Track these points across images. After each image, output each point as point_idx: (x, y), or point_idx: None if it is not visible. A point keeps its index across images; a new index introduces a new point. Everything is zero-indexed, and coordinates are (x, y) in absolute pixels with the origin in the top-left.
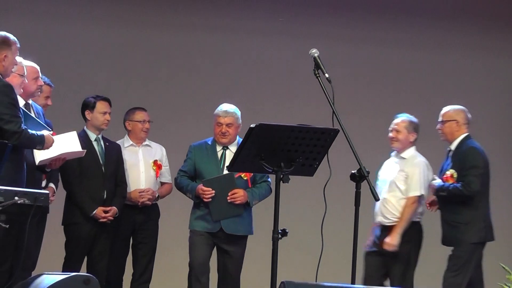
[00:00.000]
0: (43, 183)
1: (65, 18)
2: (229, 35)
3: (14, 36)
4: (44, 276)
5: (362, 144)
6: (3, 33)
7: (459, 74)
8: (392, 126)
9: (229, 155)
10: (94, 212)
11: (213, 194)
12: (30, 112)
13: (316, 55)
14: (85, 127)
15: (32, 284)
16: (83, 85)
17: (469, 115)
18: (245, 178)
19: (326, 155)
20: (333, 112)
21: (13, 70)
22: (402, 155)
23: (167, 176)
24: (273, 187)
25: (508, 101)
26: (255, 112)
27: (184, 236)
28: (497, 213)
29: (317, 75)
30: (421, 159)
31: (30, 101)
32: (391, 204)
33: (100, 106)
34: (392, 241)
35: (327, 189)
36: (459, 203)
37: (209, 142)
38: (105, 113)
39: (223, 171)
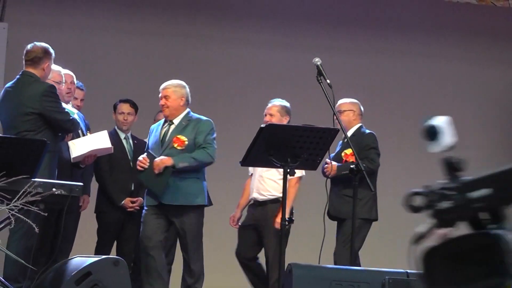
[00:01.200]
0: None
1: (99, 30)
2: (241, 47)
3: (55, 46)
4: (78, 258)
5: None
6: (45, 44)
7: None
8: (265, 111)
9: (173, 130)
10: (122, 202)
11: (144, 165)
12: None
13: (319, 63)
14: (115, 127)
15: (68, 265)
16: (115, 90)
17: (362, 108)
18: (178, 148)
19: (327, 152)
20: (334, 113)
21: (49, 77)
22: None
23: None
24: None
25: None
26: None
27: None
28: None
29: (320, 81)
30: None
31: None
32: (267, 183)
33: (120, 107)
34: (279, 219)
35: (328, 181)
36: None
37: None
38: (122, 113)
39: (161, 146)
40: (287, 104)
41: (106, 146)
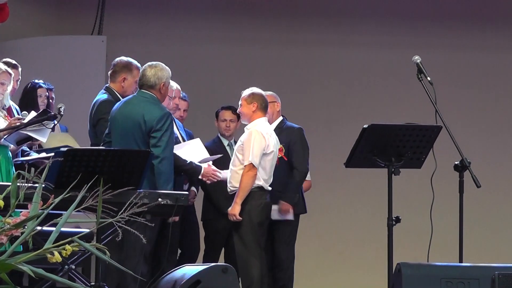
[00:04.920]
0: (185, 187)
1: (198, 40)
2: (339, 48)
3: (154, 57)
4: (187, 267)
5: (462, 137)
6: (127, 58)
7: None
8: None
9: None
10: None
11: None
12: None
13: (418, 61)
14: (218, 134)
15: (177, 274)
16: (217, 97)
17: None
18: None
19: (431, 149)
20: (436, 111)
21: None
22: (246, 126)
23: None
24: (383, 179)
25: None
26: (366, 113)
27: None
28: None
29: (420, 78)
30: (253, 128)
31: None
32: (232, 173)
33: (222, 114)
34: (231, 211)
35: (433, 179)
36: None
37: None
38: (225, 120)
39: None
40: (257, 91)
41: (212, 157)
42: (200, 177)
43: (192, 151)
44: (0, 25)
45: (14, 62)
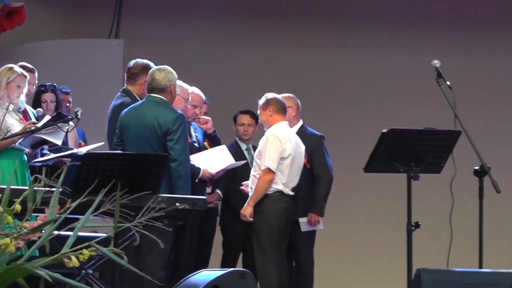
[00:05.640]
0: (208, 190)
1: (214, 43)
2: (357, 52)
3: (171, 60)
4: (205, 272)
5: (482, 142)
6: (145, 61)
7: None
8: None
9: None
10: None
11: None
12: (191, 131)
13: (438, 65)
14: (236, 138)
15: (195, 279)
16: (235, 101)
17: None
18: None
19: (451, 154)
20: (455, 115)
21: (178, 93)
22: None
23: None
24: (402, 184)
25: None
26: (384, 118)
27: None
28: None
29: (439, 83)
30: (270, 132)
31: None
32: (252, 179)
33: (240, 118)
34: (243, 211)
35: (453, 184)
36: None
37: None
38: (243, 124)
39: None
40: (270, 96)
41: (236, 164)
42: (197, 179)
43: (217, 157)
44: (17, 28)
45: (30, 66)
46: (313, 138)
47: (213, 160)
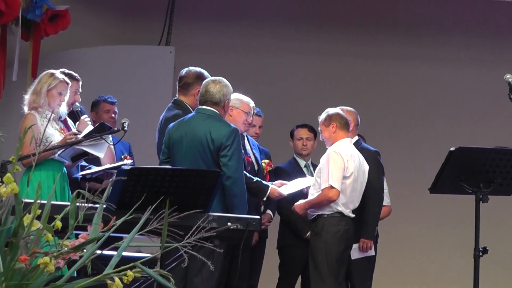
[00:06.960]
0: (261, 209)
1: (268, 52)
2: (424, 64)
3: (222, 69)
4: None
5: None
6: (198, 69)
7: None
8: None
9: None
10: (308, 234)
11: None
12: (245, 144)
13: (510, 80)
14: (294, 155)
15: None
16: (291, 114)
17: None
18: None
19: None
20: None
21: (237, 106)
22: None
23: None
24: (470, 206)
25: None
26: (453, 135)
27: None
28: None
29: None
30: (332, 149)
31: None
32: (310, 198)
33: (298, 133)
34: (294, 205)
35: None
36: None
37: None
38: (301, 139)
39: None
40: (332, 112)
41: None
42: (265, 198)
43: (297, 182)
44: (62, 33)
45: (75, 74)
46: (366, 154)
47: (291, 184)
